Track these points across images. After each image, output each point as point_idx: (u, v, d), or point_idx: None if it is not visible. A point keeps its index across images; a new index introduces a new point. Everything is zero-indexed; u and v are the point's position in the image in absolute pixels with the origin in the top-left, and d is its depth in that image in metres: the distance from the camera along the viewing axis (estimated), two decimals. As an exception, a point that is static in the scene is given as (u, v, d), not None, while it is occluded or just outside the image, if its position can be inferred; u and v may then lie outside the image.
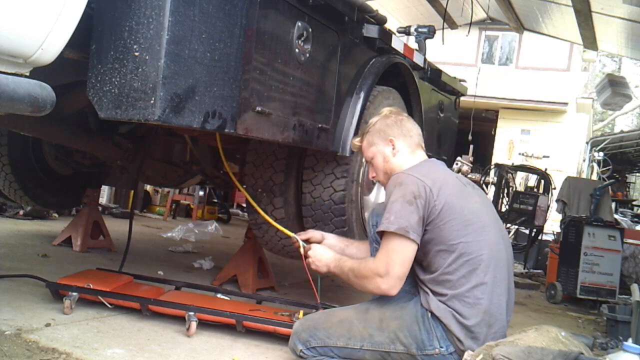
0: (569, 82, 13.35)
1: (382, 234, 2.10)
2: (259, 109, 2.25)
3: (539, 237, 7.11)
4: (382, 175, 2.35)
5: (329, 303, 2.86)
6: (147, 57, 1.83)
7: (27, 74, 1.76)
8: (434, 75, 4.18)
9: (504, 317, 2.13)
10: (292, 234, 2.66)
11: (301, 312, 2.59)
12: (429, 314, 2.09)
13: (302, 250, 2.45)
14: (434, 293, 2.10)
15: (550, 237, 7.28)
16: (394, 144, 2.30)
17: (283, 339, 2.47)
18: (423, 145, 2.37)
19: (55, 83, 1.82)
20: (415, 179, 2.11)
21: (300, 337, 2.21)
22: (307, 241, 2.49)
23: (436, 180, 2.12)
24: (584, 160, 13.49)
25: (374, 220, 2.37)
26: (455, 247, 2.07)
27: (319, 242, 2.47)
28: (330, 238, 2.53)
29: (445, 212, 2.07)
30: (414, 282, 2.19)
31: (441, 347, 2.07)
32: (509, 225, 7.13)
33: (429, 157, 2.39)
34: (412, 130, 2.34)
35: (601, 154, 12.46)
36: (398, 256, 2.05)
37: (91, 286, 2.65)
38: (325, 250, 2.37)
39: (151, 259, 4.32)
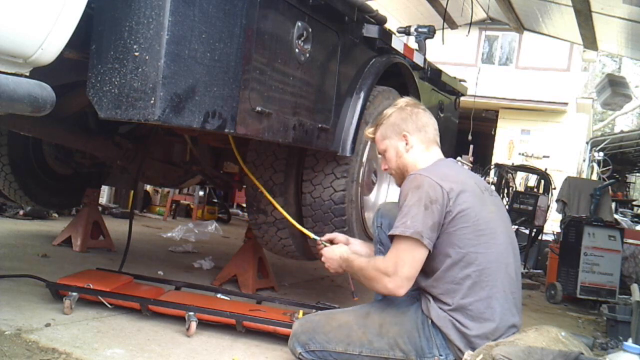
0: (569, 82, 13.36)
1: (393, 236, 2.04)
2: (259, 109, 2.24)
3: (539, 237, 7.11)
4: (395, 169, 2.28)
5: (329, 303, 2.86)
6: (147, 57, 1.83)
7: (27, 74, 1.76)
8: (434, 75, 4.18)
9: (507, 332, 2.06)
10: (313, 235, 2.59)
11: (301, 312, 2.59)
12: (429, 321, 2.06)
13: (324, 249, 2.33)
14: (436, 300, 2.06)
15: (550, 237, 7.27)
16: (407, 139, 2.22)
17: (283, 339, 2.47)
18: (438, 141, 2.29)
19: (55, 83, 1.82)
20: (433, 183, 2.02)
21: (300, 340, 2.19)
22: (331, 242, 2.40)
23: (455, 184, 2.04)
24: (584, 160, 13.51)
25: (378, 221, 2.34)
26: (463, 255, 2.01)
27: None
28: (356, 244, 2.43)
29: (459, 219, 2.01)
30: (418, 286, 2.17)
31: (440, 355, 2.04)
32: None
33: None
34: (427, 125, 2.26)
35: (601, 154, 12.48)
36: (408, 257, 1.99)
37: (91, 286, 2.65)
38: (334, 249, 2.28)
39: (151, 259, 4.31)
